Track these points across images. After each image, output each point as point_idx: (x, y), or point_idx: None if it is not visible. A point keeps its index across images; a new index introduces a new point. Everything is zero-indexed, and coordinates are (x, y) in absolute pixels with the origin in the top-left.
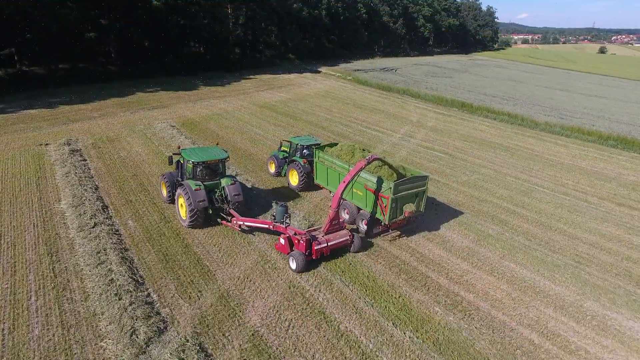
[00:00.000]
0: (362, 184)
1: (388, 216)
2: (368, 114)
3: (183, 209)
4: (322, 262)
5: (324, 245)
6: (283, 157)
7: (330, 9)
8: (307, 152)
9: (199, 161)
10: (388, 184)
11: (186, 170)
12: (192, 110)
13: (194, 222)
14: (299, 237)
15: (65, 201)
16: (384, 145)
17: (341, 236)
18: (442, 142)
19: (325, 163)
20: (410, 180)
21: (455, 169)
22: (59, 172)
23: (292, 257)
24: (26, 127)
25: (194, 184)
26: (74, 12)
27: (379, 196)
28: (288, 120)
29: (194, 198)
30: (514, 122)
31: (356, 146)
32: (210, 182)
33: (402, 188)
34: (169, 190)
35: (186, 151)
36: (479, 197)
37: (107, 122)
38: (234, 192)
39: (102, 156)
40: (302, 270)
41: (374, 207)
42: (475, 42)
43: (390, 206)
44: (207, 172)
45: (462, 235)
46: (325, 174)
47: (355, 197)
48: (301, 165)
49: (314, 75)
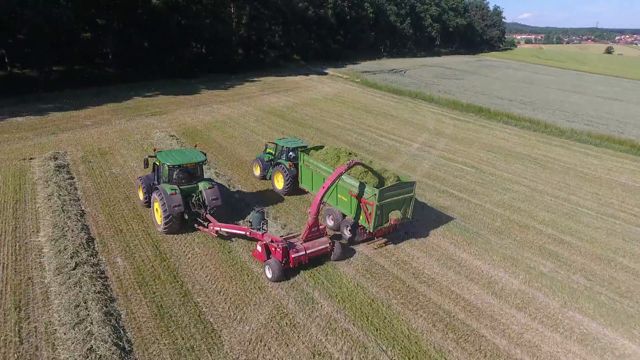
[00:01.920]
0: (348, 190)
1: (373, 224)
2: (381, 120)
3: (158, 213)
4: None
5: (302, 253)
6: (268, 159)
7: (336, 8)
8: (293, 154)
9: (175, 164)
10: (373, 190)
11: (162, 173)
12: (193, 117)
13: (168, 228)
14: (275, 245)
15: (44, 232)
16: (403, 157)
17: (321, 244)
18: (465, 153)
19: (310, 167)
20: (396, 187)
21: (485, 185)
22: (41, 194)
23: (268, 266)
24: (10, 138)
25: (170, 188)
26: (68, 12)
27: (364, 203)
28: (297, 127)
29: (169, 203)
30: (537, 129)
31: (342, 149)
32: (187, 186)
33: (387, 195)
34: (146, 194)
35: (162, 154)
36: (519, 222)
37: (100, 131)
38: (211, 196)
39: (92, 173)
40: (279, 279)
41: (358, 213)
42: (482, 43)
43: (375, 213)
44: (183, 175)
45: (511, 273)
46: (311, 178)
47: (340, 203)
48: (287, 168)
49: (320, 77)
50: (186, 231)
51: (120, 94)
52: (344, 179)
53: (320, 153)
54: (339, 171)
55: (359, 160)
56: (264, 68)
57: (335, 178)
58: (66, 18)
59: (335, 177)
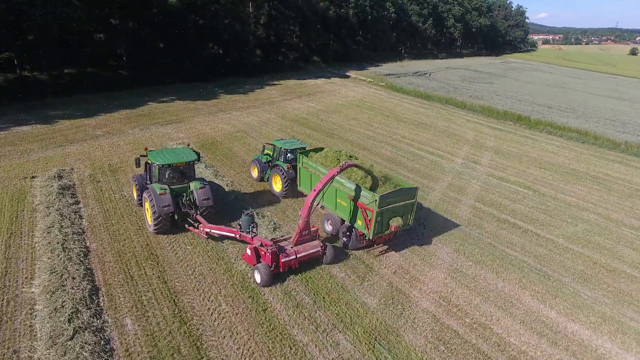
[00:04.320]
0: (347, 195)
1: (372, 230)
2: (415, 129)
3: (149, 213)
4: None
5: (292, 257)
6: (266, 161)
7: (357, 7)
8: (292, 156)
9: (165, 164)
10: (373, 196)
11: (153, 173)
12: (212, 126)
13: (158, 228)
14: (265, 249)
15: (39, 280)
16: (447, 175)
17: (312, 247)
18: (515, 170)
19: (309, 169)
20: (398, 193)
21: (550, 213)
22: (40, 225)
23: (257, 270)
24: (13, 151)
25: (159, 188)
26: (79, 11)
27: (364, 209)
28: (324, 138)
29: (158, 203)
30: (585, 140)
31: (342, 152)
32: (179, 186)
33: (388, 201)
34: (139, 194)
35: (153, 153)
36: (605, 264)
37: (111, 142)
38: (203, 196)
39: (101, 196)
40: (267, 284)
41: (357, 219)
42: (504, 44)
43: (375, 220)
44: (175, 175)
45: (620, 344)
46: (309, 180)
47: (339, 208)
48: (284, 170)
49: (342, 80)
50: (193, 248)
51: (133, 99)
52: (343, 183)
53: (320, 155)
54: (331, 173)
55: (352, 162)
56: (283, 70)
57: (328, 180)
58: (77, 18)
59: (327, 180)
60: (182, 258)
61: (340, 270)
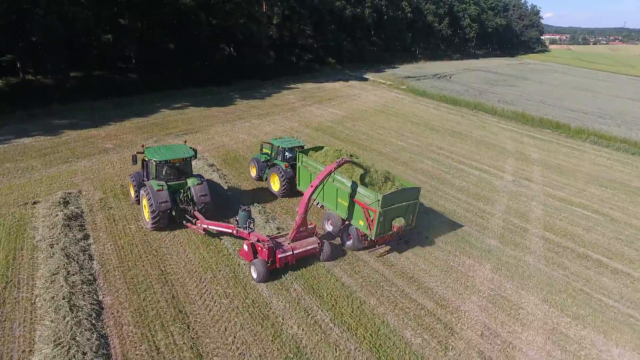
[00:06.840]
0: (348, 194)
1: (375, 231)
2: (450, 139)
3: (146, 210)
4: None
5: (289, 253)
6: (264, 160)
7: (373, 7)
8: (290, 155)
9: (162, 160)
10: (376, 196)
11: (150, 169)
12: (231, 136)
13: (156, 225)
14: (261, 245)
15: (39, 358)
16: (503, 196)
17: (309, 244)
18: (574, 190)
19: (309, 168)
20: (401, 193)
21: (633, 245)
22: (42, 270)
23: (254, 266)
24: (13, 169)
25: (157, 185)
26: (86, 10)
27: (366, 209)
28: (355, 150)
29: (156, 199)
30: (636, 152)
31: (343, 151)
32: (176, 182)
33: (391, 201)
34: (136, 191)
35: (150, 150)
36: None
37: (123, 158)
38: (200, 192)
39: (114, 228)
40: (264, 280)
41: (358, 218)
42: (519, 44)
43: (378, 220)
44: (172, 171)
45: None
46: (309, 180)
47: (340, 207)
48: (283, 169)
49: (361, 83)
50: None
51: (144, 105)
52: (344, 182)
53: (320, 154)
54: (328, 169)
55: (349, 158)
56: (298, 73)
57: (324, 176)
58: (84, 17)
59: (324, 176)
60: (218, 318)
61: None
